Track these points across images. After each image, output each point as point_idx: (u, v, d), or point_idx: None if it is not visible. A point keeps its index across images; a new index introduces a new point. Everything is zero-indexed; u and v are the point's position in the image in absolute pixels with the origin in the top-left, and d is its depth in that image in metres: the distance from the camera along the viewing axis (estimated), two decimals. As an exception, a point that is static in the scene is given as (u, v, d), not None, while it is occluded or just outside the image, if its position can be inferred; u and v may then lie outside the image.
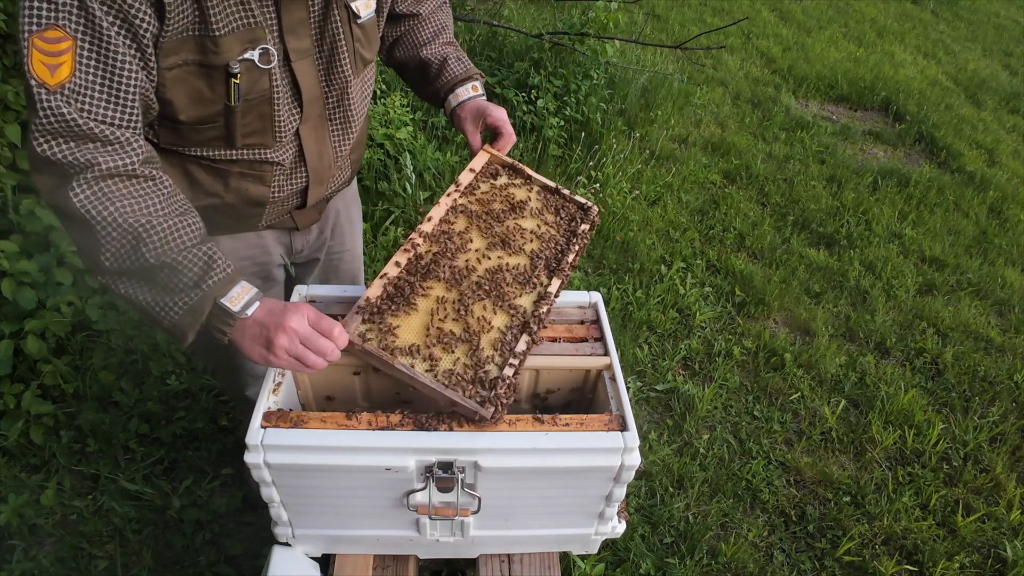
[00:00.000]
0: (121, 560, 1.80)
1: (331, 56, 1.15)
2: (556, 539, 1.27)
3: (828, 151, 4.44)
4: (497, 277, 1.19)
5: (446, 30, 1.45)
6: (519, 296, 1.18)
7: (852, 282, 3.29)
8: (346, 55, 1.16)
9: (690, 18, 6.18)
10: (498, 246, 1.24)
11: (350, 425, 1.03)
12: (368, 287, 1.12)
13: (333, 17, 1.12)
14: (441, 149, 3.32)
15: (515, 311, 1.16)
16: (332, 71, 1.17)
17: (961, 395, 2.77)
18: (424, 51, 1.41)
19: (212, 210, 1.18)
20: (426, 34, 1.42)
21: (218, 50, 0.99)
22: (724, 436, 2.44)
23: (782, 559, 2.10)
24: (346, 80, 1.19)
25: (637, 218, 3.38)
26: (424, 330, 1.09)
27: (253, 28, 1.02)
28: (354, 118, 1.27)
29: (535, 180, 1.38)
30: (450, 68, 1.40)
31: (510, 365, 1.08)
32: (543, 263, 1.25)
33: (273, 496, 1.08)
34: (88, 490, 1.96)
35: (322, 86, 1.17)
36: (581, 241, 1.31)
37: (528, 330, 1.13)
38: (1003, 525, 2.28)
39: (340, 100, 1.21)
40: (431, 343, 1.07)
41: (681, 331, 2.86)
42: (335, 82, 1.18)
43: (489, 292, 1.16)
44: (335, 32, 1.13)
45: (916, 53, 6.47)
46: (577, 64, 3.72)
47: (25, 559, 1.78)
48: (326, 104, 1.20)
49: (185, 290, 0.95)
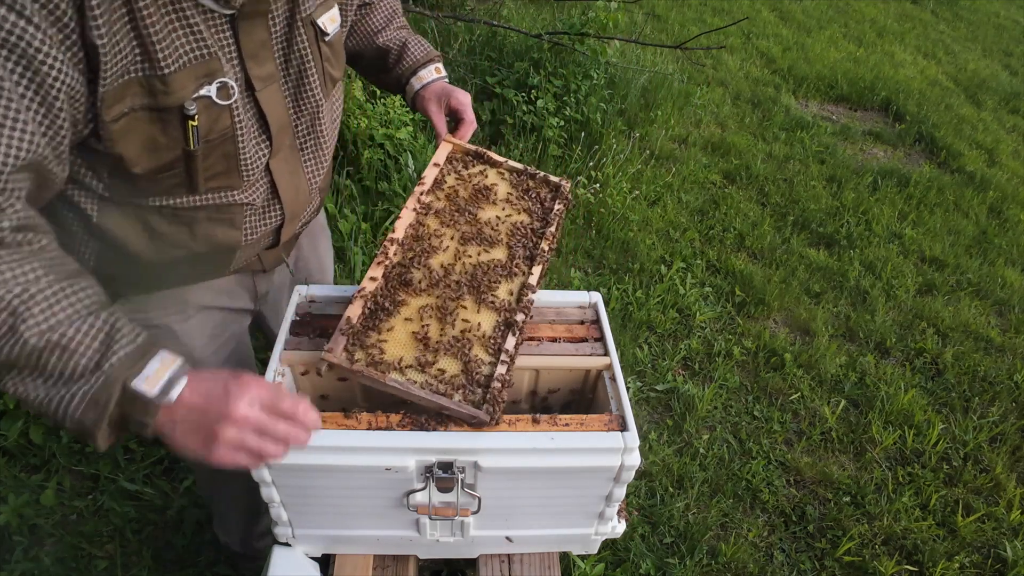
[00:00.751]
0: (121, 560, 1.80)
1: (299, 80, 1.05)
2: (556, 539, 1.27)
3: (828, 151, 4.44)
4: (477, 273, 1.16)
5: (397, 14, 1.39)
6: (502, 289, 1.16)
7: (852, 282, 3.29)
8: (315, 77, 1.06)
9: (690, 18, 6.18)
10: (473, 241, 1.21)
11: (350, 425, 1.03)
12: (348, 306, 1.07)
13: (298, 36, 1.01)
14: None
15: (500, 306, 1.14)
16: (301, 96, 1.06)
17: (961, 395, 2.77)
18: (380, 38, 1.35)
19: (178, 262, 1.07)
20: (379, 21, 1.36)
21: (169, 90, 0.85)
22: (724, 436, 2.44)
23: (782, 559, 2.10)
24: (317, 104, 1.09)
25: (637, 218, 3.38)
26: (410, 341, 1.06)
27: (207, 60, 0.89)
28: (326, 144, 1.18)
29: (502, 164, 1.34)
30: (411, 51, 1.35)
31: (502, 363, 1.07)
32: (521, 251, 1.23)
33: (273, 496, 1.08)
34: (88, 490, 1.96)
35: (291, 114, 1.07)
36: (556, 220, 1.28)
37: (515, 324, 1.12)
38: (1003, 525, 2.28)
39: (311, 127, 1.12)
40: (419, 353, 1.05)
41: (681, 331, 2.86)
42: (305, 108, 1.08)
43: (471, 291, 1.14)
44: (302, 53, 1.03)
45: (916, 53, 6.47)
46: (577, 64, 3.72)
47: (25, 559, 1.78)
48: (296, 133, 1.10)
49: (82, 375, 0.76)
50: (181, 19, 0.85)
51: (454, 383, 1.04)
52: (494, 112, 3.61)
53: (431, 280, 1.13)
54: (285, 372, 1.15)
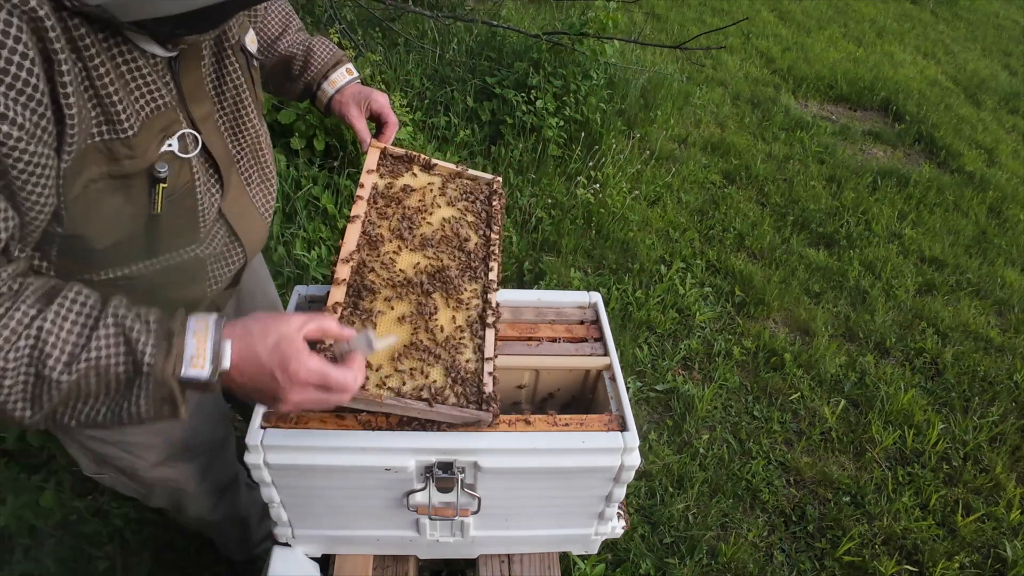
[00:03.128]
0: (121, 561, 1.80)
1: (235, 112, 0.98)
2: (556, 539, 1.27)
3: (828, 151, 4.44)
4: (437, 280, 1.15)
5: (292, 16, 1.29)
6: (466, 292, 1.16)
7: (852, 282, 3.29)
8: (251, 104, 1.01)
9: (690, 18, 6.18)
10: (422, 248, 1.19)
11: (350, 425, 1.03)
12: None
13: (230, 67, 0.95)
14: (441, 149, 3.32)
15: (469, 307, 1.13)
16: (240, 128, 1.00)
17: (961, 395, 2.77)
18: (280, 45, 1.25)
19: None
20: (275, 27, 1.25)
21: (134, 153, 0.79)
22: (724, 436, 2.44)
23: (782, 559, 2.10)
24: (256, 133, 1.04)
25: (637, 218, 3.38)
26: (391, 360, 1.03)
27: (164, 111, 0.83)
28: (271, 170, 1.11)
29: (436, 167, 1.33)
30: (318, 55, 1.25)
31: (487, 361, 1.07)
32: (473, 251, 1.22)
33: (273, 496, 1.08)
34: (88, 491, 1.96)
35: (232, 150, 0.99)
36: (497, 217, 1.29)
37: (487, 324, 1.11)
38: (1003, 525, 2.28)
39: (255, 157, 1.06)
40: (404, 369, 1.03)
41: (681, 331, 2.86)
42: (245, 139, 1.02)
43: (439, 296, 1.13)
44: (235, 83, 0.97)
45: (916, 53, 6.47)
46: (577, 64, 3.72)
47: (25, 560, 1.78)
48: (240, 168, 1.03)
49: (129, 383, 0.75)
50: (132, 71, 0.79)
51: (446, 392, 1.02)
52: (494, 112, 3.61)
53: (394, 293, 1.11)
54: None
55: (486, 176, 1.36)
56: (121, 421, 0.77)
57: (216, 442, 1.34)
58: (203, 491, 1.35)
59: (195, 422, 1.22)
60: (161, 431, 1.17)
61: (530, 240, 3.13)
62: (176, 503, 1.35)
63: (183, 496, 1.33)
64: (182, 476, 1.27)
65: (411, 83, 3.68)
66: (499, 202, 1.33)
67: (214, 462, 1.36)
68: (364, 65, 3.29)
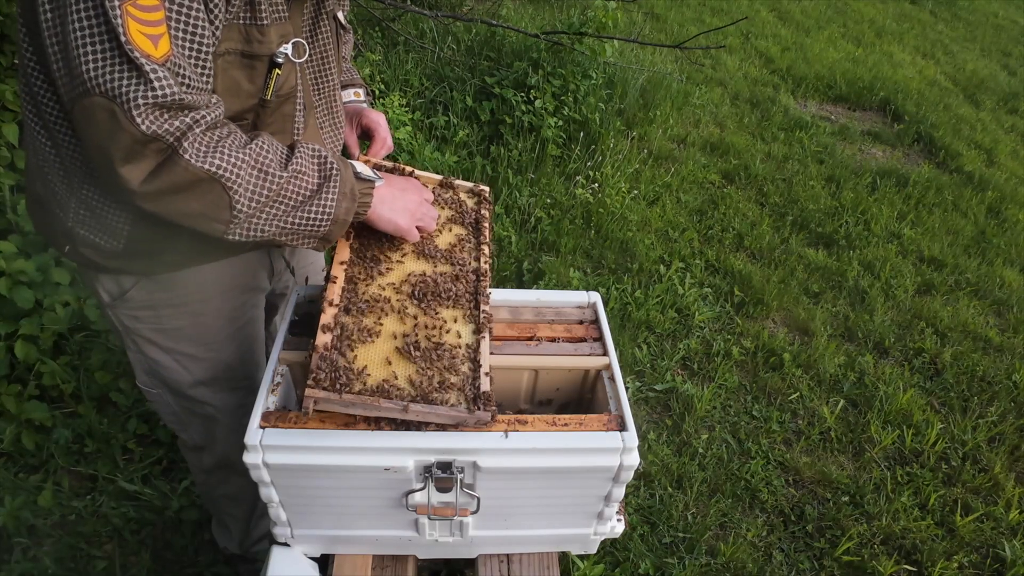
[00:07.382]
0: (120, 560, 1.80)
1: (320, 65, 1.16)
2: (555, 539, 1.27)
3: (827, 151, 4.44)
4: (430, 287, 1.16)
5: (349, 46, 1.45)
6: (461, 299, 1.16)
7: (851, 282, 3.29)
8: (333, 64, 1.18)
9: (689, 18, 6.18)
10: (420, 257, 1.20)
11: (349, 425, 1.03)
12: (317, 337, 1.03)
13: (323, 26, 1.13)
14: (440, 149, 3.32)
15: (463, 314, 1.14)
16: (321, 80, 1.17)
17: (960, 395, 2.77)
18: None
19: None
20: None
21: (264, 39, 0.99)
22: (723, 436, 2.44)
23: (781, 559, 2.10)
24: (334, 88, 1.20)
25: (636, 218, 3.38)
26: (385, 359, 1.04)
27: (285, 22, 1.02)
28: (342, 125, 1.26)
29: (423, 178, 1.33)
30: None
31: (479, 364, 1.07)
32: (467, 261, 1.24)
33: (272, 496, 1.08)
34: (86, 491, 1.96)
35: (312, 97, 1.17)
36: (488, 226, 1.31)
37: (481, 329, 1.12)
38: (1002, 525, 2.28)
39: (329, 108, 1.21)
40: (400, 372, 1.03)
41: (680, 331, 2.86)
42: (324, 90, 1.19)
43: (432, 303, 1.14)
44: (325, 41, 1.15)
45: (915, 53, 6.48)
46: (576, 64, 3.72)
47: (24, 559, 1.78)
48: (316, 112, 1.19)
49: (320, 187, 1.00)
50: None
51: (443, 390, 1.02)
52: (493, 112, 3.61)
53: (386, 299, 1.12)
54: (284, 372, 1.15)
55: (471, 185, 1.39)
56: (298, 229, 1.01)
57: (258, 382, 1.36)
58: (235, 427, 1.41)
59: (244, 349, 1.36)
60: (213, 346, 1.30)
61: (529, 240, 3.13)
62: (209, 435, 1.43)
63: (216, 427, 1.41)
64: (219, 402, 1.38)
65: (410, 83, 3.68)
66: (487, 212, 1.35)
67: (250, 400, 1.38)
68: (363, 65, 3.29)
